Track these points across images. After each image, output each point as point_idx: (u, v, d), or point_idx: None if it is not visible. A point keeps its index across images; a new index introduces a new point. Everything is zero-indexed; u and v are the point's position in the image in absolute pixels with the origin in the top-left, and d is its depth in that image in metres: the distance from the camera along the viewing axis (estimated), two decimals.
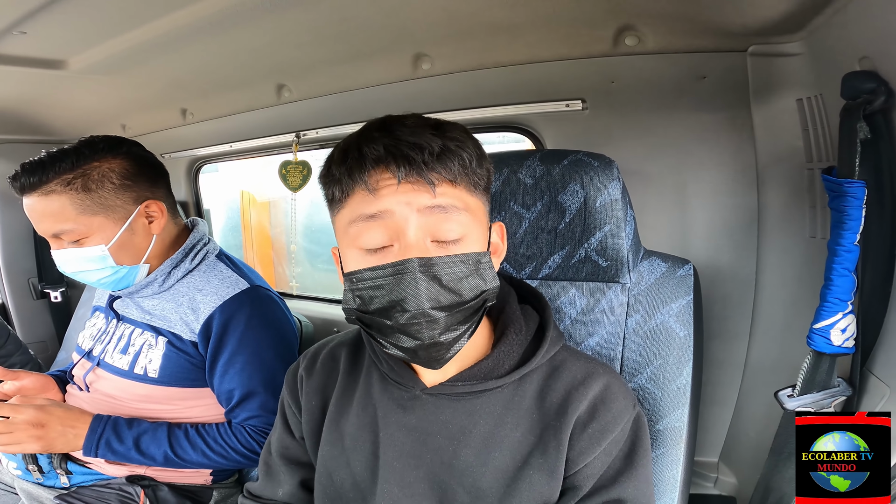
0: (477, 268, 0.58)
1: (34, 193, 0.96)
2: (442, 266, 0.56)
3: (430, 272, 0.55)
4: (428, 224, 0.56)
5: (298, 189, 1.55)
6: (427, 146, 0.55)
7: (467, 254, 0.57)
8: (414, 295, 0.55)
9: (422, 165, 0.55)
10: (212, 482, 1.11)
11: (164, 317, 1.03)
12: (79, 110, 1.59)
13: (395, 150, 0.55)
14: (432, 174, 0.55)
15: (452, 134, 0.57)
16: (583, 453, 0.61)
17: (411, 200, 0.55)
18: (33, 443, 0.94)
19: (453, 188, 0.57)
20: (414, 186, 0.56)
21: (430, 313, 0.56)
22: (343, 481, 0.67)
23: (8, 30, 0.99)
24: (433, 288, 0.56)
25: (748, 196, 1.01)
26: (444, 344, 0.58)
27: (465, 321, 0.59)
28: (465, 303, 0.57)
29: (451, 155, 0.56)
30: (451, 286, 0.56)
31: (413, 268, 0.55)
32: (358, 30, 1.05)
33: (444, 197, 0.56)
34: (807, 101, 0.88)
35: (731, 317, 1.06)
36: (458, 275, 0.57)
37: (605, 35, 0.98)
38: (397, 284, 0.56)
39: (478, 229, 0.59)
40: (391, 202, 0.56)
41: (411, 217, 0.56)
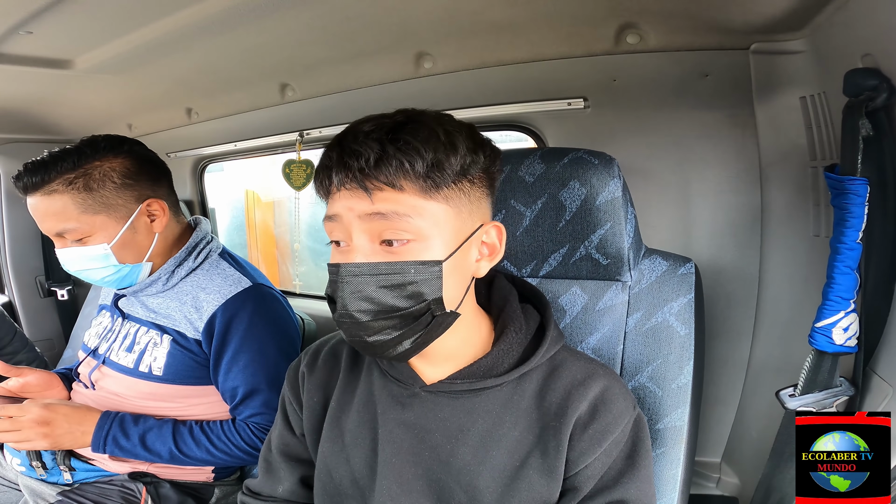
0: (417, 277, 0.57)
1: (37, 193, 0.97)
2: (371, 273, 0.57)
3: (358, 278, 0.57)
4: (372, 228, 0.57)
5: (302, 188, 1.56)
6: (364, 153, 0.55)
7: (407, 262, 0.57)
8: (341, 296, 0.58)
9: (357, 172, 0.55)
10: (214, 479, 1.11)
11: (168, 315, 1.03)
12: (85, 110, 1.60)
13: (339, 158, 0.56)
14: (368, 181, 0.55)
15: (403, 136, 0.56)
16: (583, 454, 0.61)
17: (353, 206, 0.57)
18: (40, 440, 0.95)
19: (397, 193, 0.56)
20: (352, 193, 0.56)
21: (354, 315, 0.58)
22: (342, 478, 0.67)
23: (14, 29, 1.00)
24: (360, 292, 0.57)
25: (751, 194, 1.00)
26: (374, 344, 0.59)
27: (401, 327, 0.59)
28: (398, 310, 0.58)
29: (388, 160, 0.55)
30: (380, 292, 0.57)
31: (342, 272, 0.58)
32: (360, 29, 1.06)
33: (386, 203, 0.56)
34: (810, 99, 0.88)
35: (735, 316, 1.06)
36: (391, 282, 0.57)
37: (607, 33, 0.98)
38: (335, 283, 0.59)
39: (437, 235, 0.58)
40: (339, 206, 0.58)
41: (354, 222, 0.57)
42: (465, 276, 0.62)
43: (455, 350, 0.65)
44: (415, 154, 0.55)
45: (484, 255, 0.64)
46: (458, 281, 0.60)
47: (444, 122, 0.58)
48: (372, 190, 0.55)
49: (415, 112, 0.59)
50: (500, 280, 0.71)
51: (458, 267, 0.60)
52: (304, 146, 1.53)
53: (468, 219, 0.60)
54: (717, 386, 1.08)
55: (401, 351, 0.60)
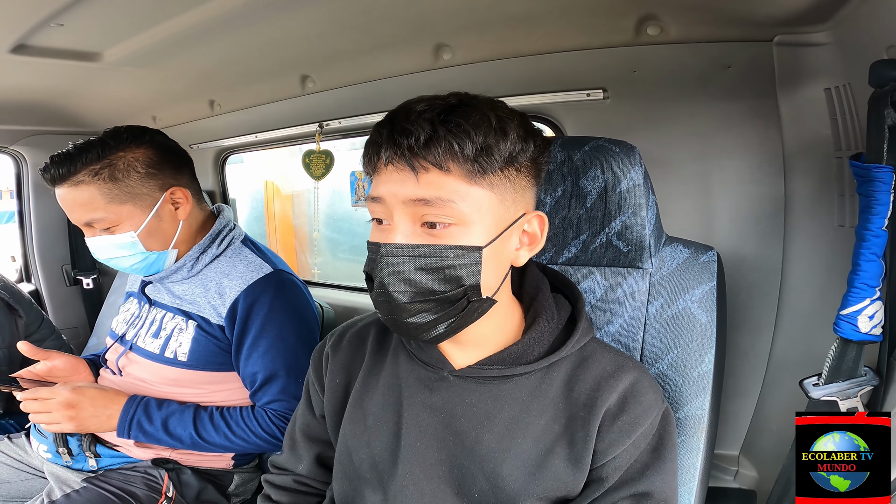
0: (456, 262, 0.57)
1: (64, 184, 0.99)
2: (411, 254, 0.57)
3: (397, 258, 0.57)
4: (415, 212, 0.57)
5: (321, 178, 1.57)
6: (415, 132, 0.55)
7: (447, 246, 0.57)
8: (379, 275, 0.58)
9: (405, 150, 0.55)
10: (233, 466, 1.13)
11: (193, 301, 1.06)
12: (112, 102, 1.64)
13: (388, 136, 0.57)
14: (416, 160, 0.55)
15: (455, 118, 0.55)
16: (612, 445, 0.61)
17: (397, 190, 0.57)
18: (66, 422, 0.97)
19: (444, 175, 0.56)
20: (400, 172, 0.57)
21: (392, 295, 0.58)
22: (362, 461, 0.68)
23: (46, 22, 1.02)
24: (398, 273, 0.57)
25: (774, 185, 0.99)
26: (410, 325, 0.60)
27: (437, 310, 0.59)
28: (435, 293, 0.58)
29: (438, 141, 0.54)
30: (418, 274, 0.57)
31: (382, 251, 0.58)
32: (379, 21, 1.07)
33: (431, 186, 0.56)
34: (834, 91, 0.87)
35: (756, 306, 1.04)
36: (429, 265, 0.57)
37: (627, 25, 0.97)
38: (374, 262, 0.59)
39: (477, 219, 0.58)
40: (384, 189, 0.58)
41: (397, 206, 0.57)
42: (503, 264, 0.62)
43: (486, 336, 0.65)
44: (465, 137, 0.55)
45: (524, 243, 0.64)
46: (496, 268, 0.61)
47: (497, 107, 0.58)
48: (419, 169, 0.56)
49: (468, 96, 0.59)
50: (532, 269, 0.71)
51: (498, 254, 0.60)
52: (324, 137, 1.54)
53: (511, 207, 0.60)
54: (736, 378, 1.07)
55: (434, 335, 0.61)
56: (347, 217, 2.44)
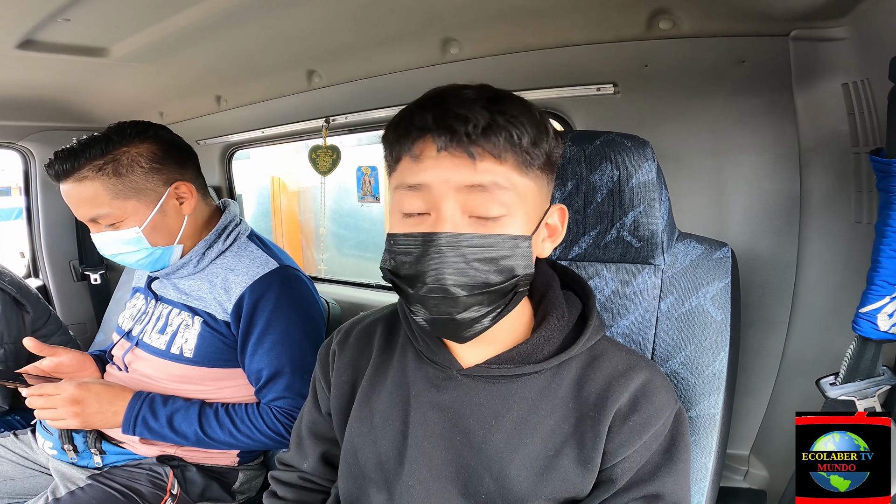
0: (510, 252, 0.56)
1: (68, 180, 0.99)
2: (469, 244, 0.55)
3: (456, 248, 0.55)
4: (467, 201, 0.56)
5: (328, 173, 1.57)
6: (473, 118, 0.53)
7: (501, 235, 0.56)
8: (435, 269, 0.55)
9: (464, 137, 0.54)
10: (238, 464, 1.13)
11: (199, 297, 1.05)
12: (119, 98, 1.64)
13: (439, 121, 0.54)
14: (474, 147, 0.54)
15: (507, 108, 0.55)
16: (623, 446, 0.60)
17: (450, 176, 0.55)
18: (71, 419, 0.97)
19: (498, 164, 0.55)
20: (454, 158, 0.55)
21: (450, 290, 0.55)
22: (367, 461, 0.67)
23: (53, 16, 1.02)
24: (456, 265, 0.55)
25: (789, 180, 0.97)
26: (460, 322, 0.57)
27: (488, 303, 0.58)
28: (490, 285, 0.56)
29: (497, 129, 0.54)
30: (475, 266, 0.56)
31: (438, 241, 0.55)
32: (386, 14, 1.06)
33: (487, 174, 0.55)
34: (852, 86, 0.85)
35: (770, 304, 1.03)
36: (486, 255, 0.56)
37: (638, 19, 0.96)
38: (423, 255, 0.56)
39: (523, 211, 0.58)
40: (431, 175, 0.55)
41: (449, 193, 0.55)
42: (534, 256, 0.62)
43: (497, 334, 0.64)
44: (521, 128, 0.55)
45: (545, 236, 0.64)
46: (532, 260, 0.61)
47: (534, 105, 0.59)
48: (476, 156, 0.54)
49: (499, 89, 0.58)
50: (542, 265, 0.70)
51: (533, 245, 0.60)
52: (330, 132, 1.54)
53: (544, 200, 0.61)
54: (748, 376, 1.06)
55: (478, 330, 0.59)
56: (354, 213, 2.44)
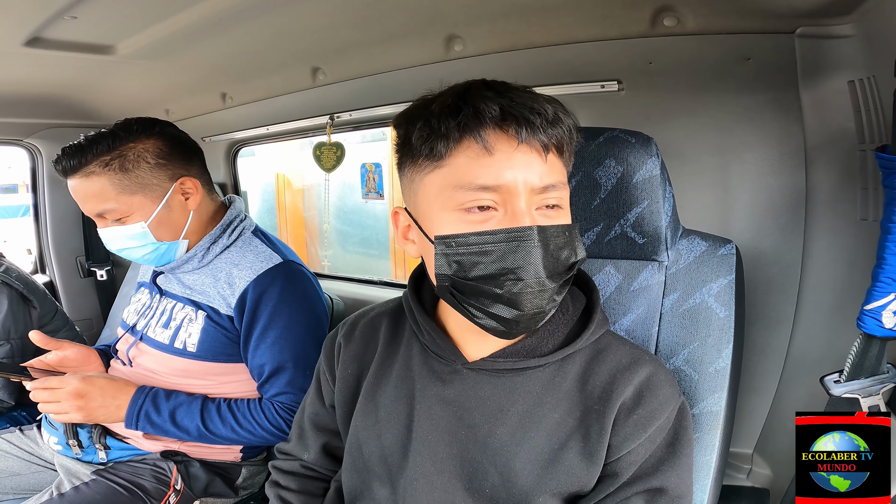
0: (572, 238, 0.58)
1: (76, 175, 1.00)
2: (554, 235, 0.56)
3: (545, 241, 0.55)
4: (537, 197, 0.56)
5: (332, 170, 1.58)
6: (543, 111, 0.54)
7: (567, 224, 0.58)
8: (532, 263, 0.54)
9: (538, 129, 0.54)
10: (241, 459, 1.14)
11: (203, 291, 1.06)
12: (125, 96, 1.65)
13: (514, 111, 0.54)
14: (547, 140, 0.55)
15: (557, 104, 0.56)
16: (627, 439, 0.60)
17: (527, 176, 0.55)
18: (75, 412, 0.98)
19: (558, 158, 0.57)
20: (530, 152, 0.55)
21: (545, 282, 0.55)
22: (371, 454, 0.67)
23: (60, 14, 1.03)
24: (548, 257, 0.55)
25: (795, 177, 0.97)
26: (546, 313, 0.58)
27: (560, 291, 0.59)
28: (566, 272, 0.58)
29: (560, 122, 0.55)
30: (556, 255, 0.56)
31: (533, 235, 0.54)
32: (391, 11, 1.06)
33: (552, 168, 0.56)
34: (858, 83, 0.85)
35: (774, 302, 1.02)
36: (561, 244, 0.57)
37: (643, 16, 0.95)
38: (512, 252, 0.54)
39: (567, 202, 0.60)
40: (507, 174, 0.54)
41: (524, 194, 0.55)
42: None
43: None
44: (570, 122, 0.56)
45: None
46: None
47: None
48: (548, 149, 0.55)
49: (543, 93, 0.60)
50: None
51: None
52: (335, 129, 1.54)
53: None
54: (752, 374, 1.05)
55: (546, 320, 0.60)
56: (357, 209, 2.46)
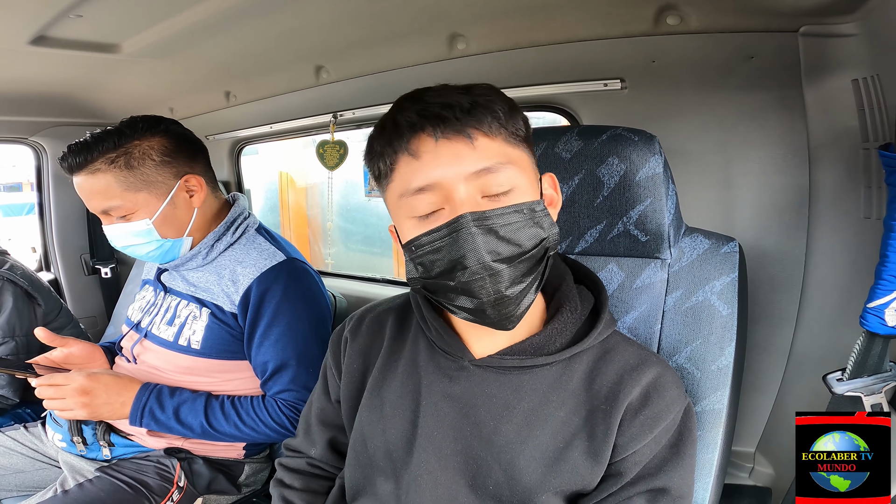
0: (532, 216, 0.58)
1: (82, 173, 1.01)
2: (495, 217, 0.56)
3: (485, 225, 0.56)
4: (475, 185, 0.57)
5: (335, 168, 1.58)
6: (457, 103, 0.56)
7: (520, 203, 0.58)
8: (472, 250, 0.55)
9: (454, 121, 0.56)
10: (244, 456, 1.14)
11: (207, 289, 1.06)
12: (130, 94, 1.66)
13: (427, 113, 0.57)
14: (467, 129, 0.56)
15: (479, 91, 0.58)
16: (633, 439, 0.61)
17: (454, 166, 0.56)
18: (80, 409, 0.98)
19: (491, 141, 0.58)
20: (452, 144, 0.56)
21: (492, 266, 0.56)
22: (376, 449, 0.68)
23: (65, 13, 1.03)
24: (490, 241, 0.56)
25: (798, 176, 0.97)
26: (511, 298, 0.58)
27: (528, 272, 0.58)
28: (526, 252, 0.58)
29: (481, 109, 0.57)
30: (508, 237, 0.57)
31: (466, 223, 0.55)
32: (394, 10, 1.06)
33: (486, 153, 0.57)
34: (862, 82, 0.84)
35: (778, 300, 1.02)
36: (513, 225, 0.57)
37: (646, 14, 0.95)
38: (454, 243, 0.56)
39: (525, 180, 0.59)
40: (436, 172, 0.57)
41: (458, 182, 0.57)
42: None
43: None
44: (498, 104, 0.58)
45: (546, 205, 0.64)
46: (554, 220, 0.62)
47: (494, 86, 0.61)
48: (474, 136, 0.57)
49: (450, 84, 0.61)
50: (554, 259, 0.70)
51: None
52: (338, 127, 1.55)
53: (532, 168, 0.62)
54: (755, 373, 1.05)
55: (527, 304, 0.60)
56: (360, 207, 2.46)
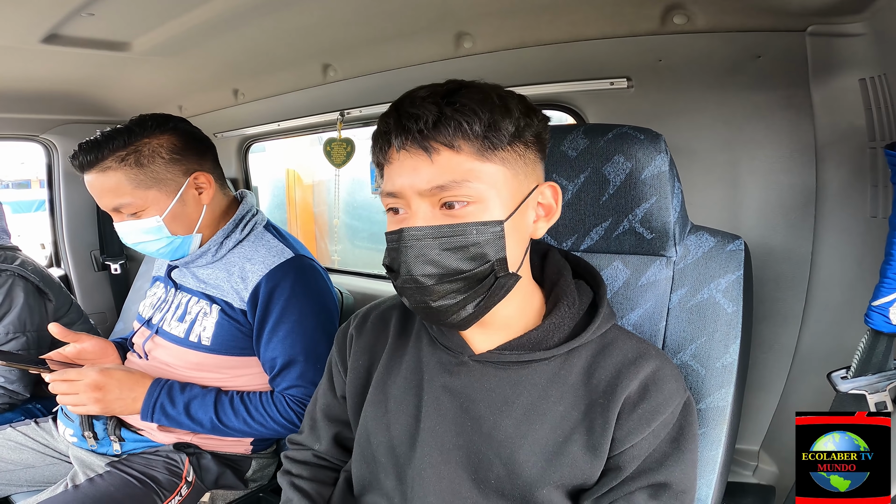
0: (479, 238, 0.58)
1: (93, 171, 1.02)
2: (435, 236, 0.57)
3: (421, 241, 0.57)
4: (432, 198, 0.58)
5: (342, 165, 1.59)
6: (423, 115, 0.56)
7: (468, 223, 0.58)
8: (403, 262, 0.58)
9: (416, 134, 0.56)
10: (251, 452, 1.15)
11: (217, 285, 1.08)
12: (139, 92, 1.67)
13: (397, 122, 0.58)
14: (428, 142, 0.57)
15: (459, 99, 0.57)
16: (631, 433, 0.61)
17: (413, 178, 0.57)
18: (92, 404, 0.99)
19: (455, 154, 0.57)
20: (412, 157, 0.57)
21: (418, 279, 0.58)
22: (380, 445, 0.68)
23: (77, 11, 1.04)
24: (423, 256, 0.58)
25: (805, 175, 0.97)
26: (438, 310, 0.60)
27: (465, 290, 0.59)
28: (462, 272, 0.58)
29: (447, 121, 0.56)
30: (445, 255, 0.58)
31: (405, 236, 0.58)
32: (401, 8, 1.07)
33: (445, 169, 0.57)
34: (870, 81, 0.84)
35: (784, 299, 1.02)
36: (454, 244, 0.57)
37: (652, 13, 0.95)
38: (395, 250, 0.60)
39: (494, 196, 0.58)
40: (398, 180, 0.58)
41: (414, 196, 0.58)
42: (524, 238, 0.63)
43: (509, 319, 0.65)
44: (472, 115, 0.56)
45: (540, 215, 0.64)
46: (517, 242, 0.61)
47: (497, 88, 0.60)
48: (431, 151, 0.57)
49: (467, 81, 0.60)
50: (553, 254, 0.72)
51: (518, 228, 0.61)
52: (345, 125, 1.56)
53: (524, 180, 0.61)
54: (760, 371, 1.05)
55: (464, 316, 0.61)
56: (367, 205, 2.50)
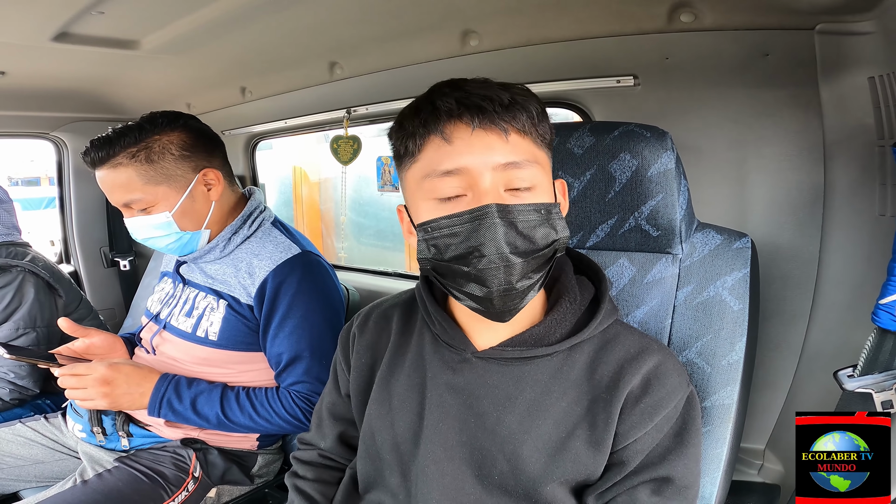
0: (548, 217, 0.60)
1: (104, 167, 1.04)
2: (517, 213, 0.58)
3: (508, 218, 0.57)
4: (501, 177, 0.59)
5: (349, 162, 1.60)
6: (497, 98, 0.58)
7: (539, 203, 0.59)
8: (492, 239, 0.57)
9: (493, 114, 0.57)
10: (257, 447, 1.16)
11: (224, 281, 1.08)
12: (148, 90, 1.68)
13: (467, 102, 0.58)
14: (505, 122, 0.58)
15: (517, 91, 0.60)
16: (634, 428, 0.61)
17: (486, 155, 0.58)
18: (100, 399, 1.00)
19: (522, 139, 0.59)
20: (487, 136, 0.58)
21: (509, 258, 0.57)
22: (384, 443, 0.69)
23: (87, 10, 1.05)
24: (510, 233, 0.58)
25: (813, 173, 0.96)
26: (518, 291, 0.59)
27: (538, 269, 0.60)
28: (539, 250, 0.59)
29: (518, 107, 0.58)
30: (526, 232, 0.58)
31: (492, 213, 0.57)
32: (407, 7, 1.07)
33: (517, 149, 0.59)
34: (878, 79, 0.84)
35: (791, 297, 1.02)
36: (532, 222, 0.58)
37: (659, 11, 0.95)
38: (475, 230, 0.57)
39: (546, 182, 0.61)
40: (467, 158, 0.58)
41: (487, 171, 0.58)
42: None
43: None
44: (534, 104, 0.59)
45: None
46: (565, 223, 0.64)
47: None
48: (509, 131, 0.58)
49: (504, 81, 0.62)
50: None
51: None
52: (351, 123, 1.56)
53: (550, 172, 0.64)
54: (766, 369, 1.05)
55: (528, 299, 0.61)
56: (373, 202, 2.51)
